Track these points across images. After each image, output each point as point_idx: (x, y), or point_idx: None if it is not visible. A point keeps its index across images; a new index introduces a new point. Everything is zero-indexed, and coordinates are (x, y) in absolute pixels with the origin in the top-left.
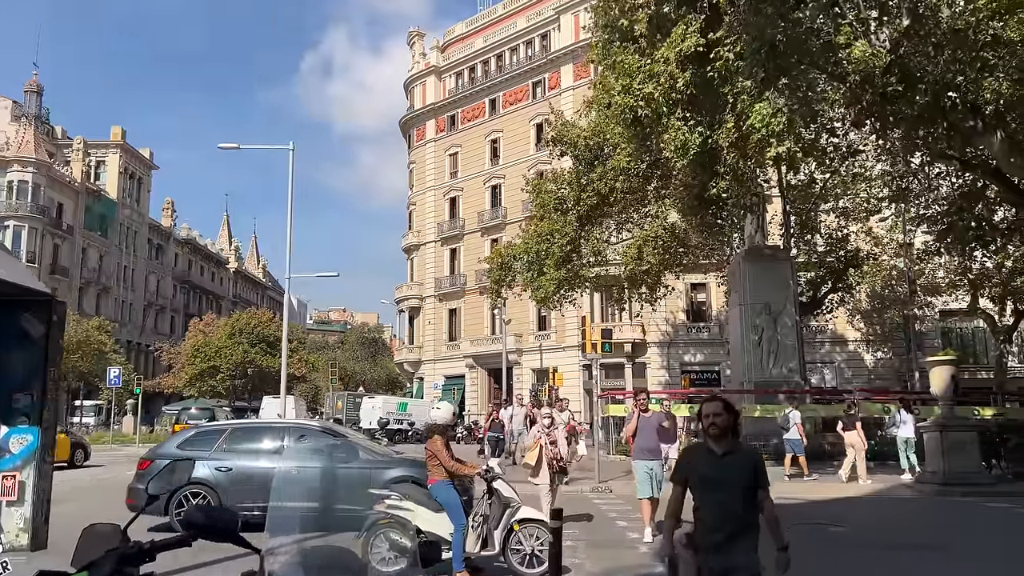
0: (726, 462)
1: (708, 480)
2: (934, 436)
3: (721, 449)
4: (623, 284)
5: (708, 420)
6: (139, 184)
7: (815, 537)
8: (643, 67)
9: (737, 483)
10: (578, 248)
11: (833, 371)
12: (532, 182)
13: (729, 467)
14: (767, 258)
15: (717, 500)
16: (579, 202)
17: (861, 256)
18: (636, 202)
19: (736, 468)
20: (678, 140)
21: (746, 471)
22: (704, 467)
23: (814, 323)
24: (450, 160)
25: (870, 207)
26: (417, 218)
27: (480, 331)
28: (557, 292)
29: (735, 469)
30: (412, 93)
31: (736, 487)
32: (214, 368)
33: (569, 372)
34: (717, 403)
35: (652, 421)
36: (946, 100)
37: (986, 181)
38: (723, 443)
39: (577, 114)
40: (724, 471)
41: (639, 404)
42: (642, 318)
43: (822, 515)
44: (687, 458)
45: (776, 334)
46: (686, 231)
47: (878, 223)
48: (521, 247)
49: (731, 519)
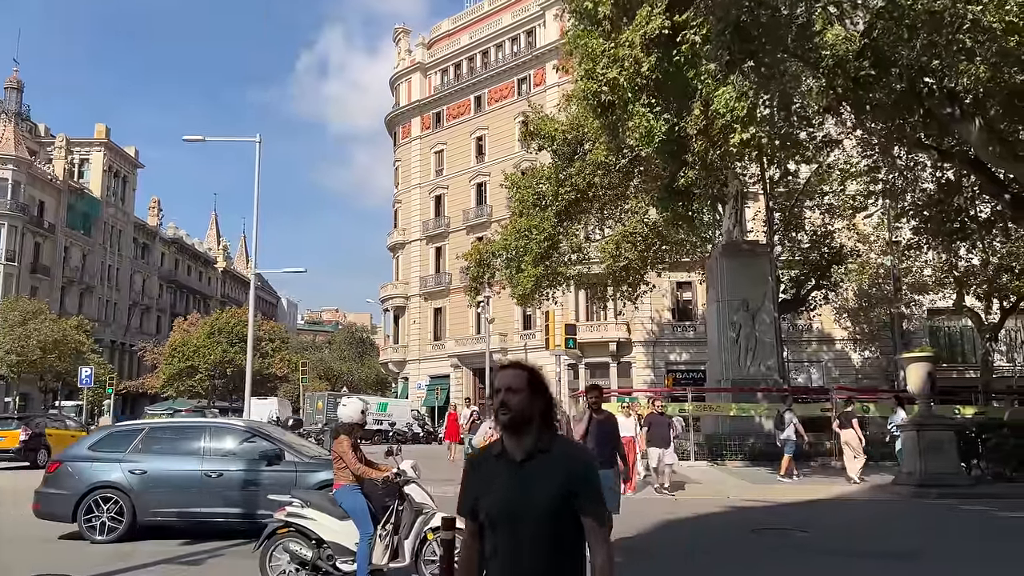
0: (528, 473)
1: (497, 507)
2: (911, 436)
3: (521, 451)
4: (606, 282)
5: (498, 399)
6: (124, 182)
7: (776, 544)
8: (607, 51)
9: (542, 510)
10: (557, 245)
11: (820, 370)
12: (510, 177)
13: (530, 481)
14: (745, 253)
15: (509, 544)
16: (557, 197)
17: (845, 252)
18: (616, 198)
19: (542, 484)
20: (643, 127)
21: (558, 488)
22: (493, 484)
23: (801, 321)
24: (435, 158)
25: (856, 204)
26: (402, 216)
27: (465, 330)
28: (536, 289)
29: (540, 486)
30: (398, 90)
31: (541, 517)
32: (192, 368)
33: (554, 371)
34: (513, 373)
35: (605, 424)
36: (922, 86)
37: (965, 172)
38: (523, 441)
39: (557, 108)
40: (522, 489)
41: (590, 403)
42: (627, 317)
43: (791, 519)
44: (472, 471)
45: (754, 331)
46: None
47: (864, 220)
48: (500, 244)
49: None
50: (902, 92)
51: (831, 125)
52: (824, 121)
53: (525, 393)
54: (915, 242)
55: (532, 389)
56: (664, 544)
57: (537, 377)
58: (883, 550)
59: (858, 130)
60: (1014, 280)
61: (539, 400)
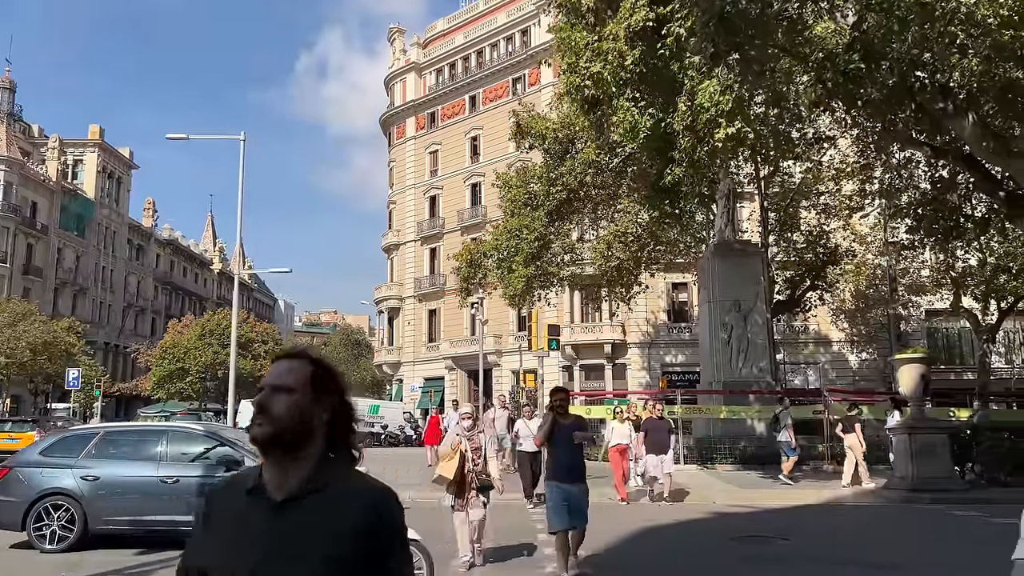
0: (289, 524)
1: None
2: (903, 439)
3: (284, 487)
4: (599, 283)
5: (258, 401)
6: (118, 183)
7: (755, 553)
8: (591, 44)
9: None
10: (548, 245)
11: (817, 372)
12: (502, 177)
13: (291, 539)
14: (737, 253)
15: None
16: (548, 197)
17: (840, 252)
18: (608, 198)
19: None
20: (627, 122)
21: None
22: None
23: (797, 323)
24: (430, 158)
25: (853, 204)
26: (397, 217)
27: (459, 332)
28: (527, 290)
29: (306, 544)
30: (392, 90)
31: None
32: (183, 370)
33: (549, 374)
34: (288, 365)
35: (573, 428)
36: (914, 80)
37: (959, 169)
38: (292, 470)
39: (549, 107)
40: (278, 550)
41: (554, 406)
42: (622, 319)
43: (775, 526)
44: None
45: (746, 332)
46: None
47: (860, 220)
48: (491, 244)
49: None
50: (893, 87)
51: (823, 123)
52: (816, 118)
53: (301, 395)
54: (910, 241)
55: (316, 389)
56: (638, 555)
57: (326, 371)
58: (867, 559)
59: (851, 127)
60: (1011, 280)
61: (325, 406)
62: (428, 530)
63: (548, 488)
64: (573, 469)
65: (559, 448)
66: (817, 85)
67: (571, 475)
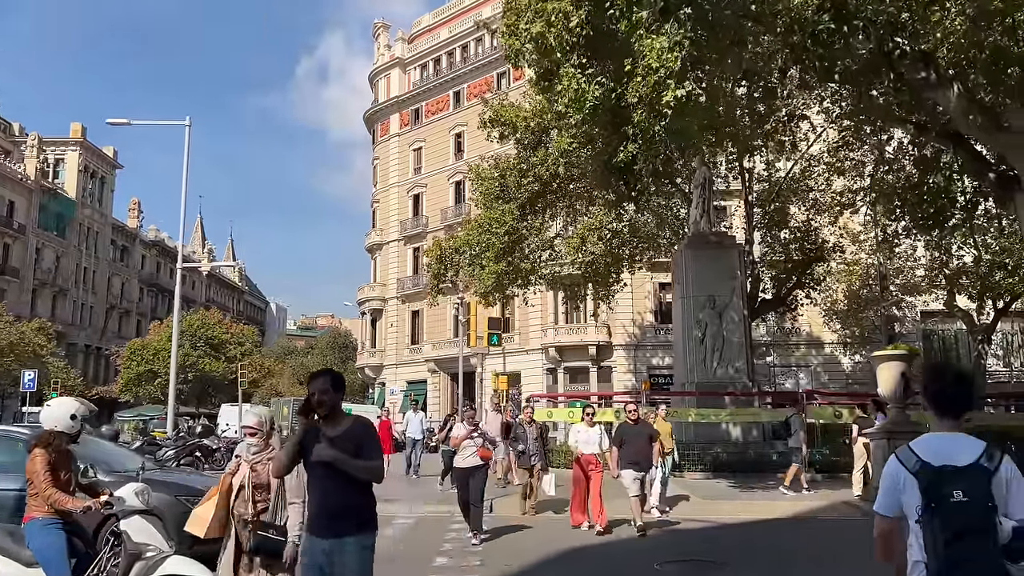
0: (337, 442)
1: None
2: (880, 445)
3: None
4: (578, 282)
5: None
6: (102, 183)
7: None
8: (532, 4)
9: None
10: (521, 240)
11: (809, 374)
12: (475, 169)
13: (338, 447)
14: (712, 246)
15: None
16: (520, 188)
17: (827, 248)
18: (584, 191)
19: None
20: (572, 90)
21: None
22: None
23: (788, 325)
24: (414, 155)
25: (844, 200)
26: (380, 216)
27: (443, 334)
28: (498, 287)
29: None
30: (376, 86)
31: None
32: (152, 372)
33: (533, 376)
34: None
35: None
36: (892, 46)
37: (943, 148)
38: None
39: (523, 96)
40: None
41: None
42: (607, 320)
43: (722, 544)
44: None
45: (721, 330)
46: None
47: (850, 216)
48: (463, 239)
49: None
50: (870, 54)
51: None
52: (789, 95)
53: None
54: (892, 229)
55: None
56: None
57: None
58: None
59: (826, 103)
60: (1007, 277)
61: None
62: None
63: None
64: None
65: None
66: (784, 50)
67: None
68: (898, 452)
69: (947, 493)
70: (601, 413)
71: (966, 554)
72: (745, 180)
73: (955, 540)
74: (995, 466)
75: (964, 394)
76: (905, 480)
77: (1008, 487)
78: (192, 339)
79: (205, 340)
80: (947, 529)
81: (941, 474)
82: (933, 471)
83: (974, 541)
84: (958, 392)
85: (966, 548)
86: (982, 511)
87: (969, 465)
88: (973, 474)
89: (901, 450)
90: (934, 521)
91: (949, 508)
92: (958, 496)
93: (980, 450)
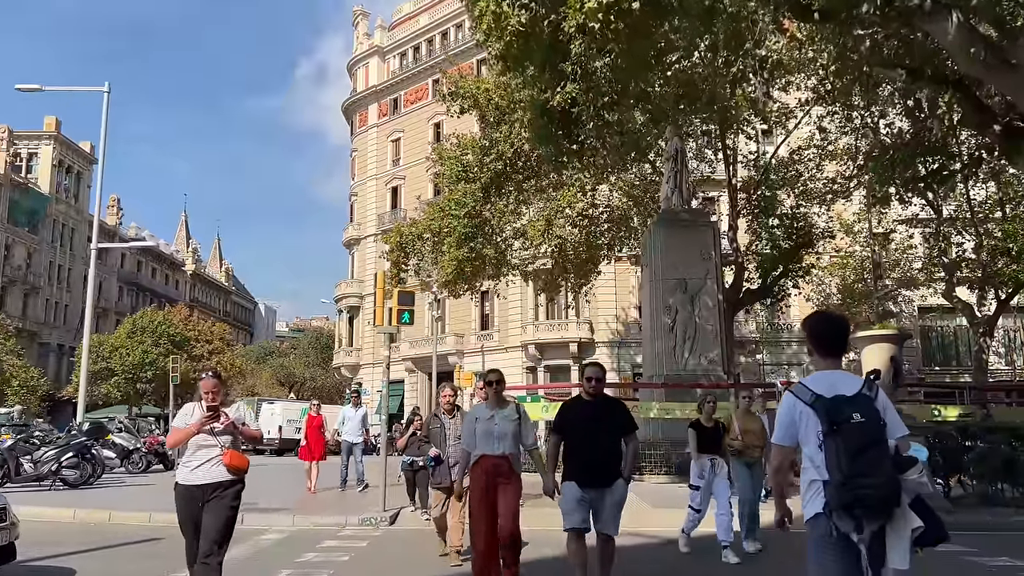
0: None
1: None
2: None
3: None
4: (552, 273)
5: None
6: (78, 178)
7: None
8: None
9: None
10: (484, 224)
11: (802, 373)
12: (437, 149)
13: None
14: (683, 223)
15: None
16: (482, 168)
17: (816, 233)
18: (552, 169)
19: None
20: (490, 12)
21: None
22: None
23: (780, 320)
24: (392, 147)
25: (836, 187)
26: (359, 210)
27: (420, 331)
28: (459, 275)
29: None
30: (355, 76)
31: None
32: (108, 370)
33: (513, 375)
34: None
35: None
36: None
37: (940, 96)
38: None
39: (488, 67)
40: None
41: None
42: (589, 315)
43: (647, 570)
44: None
45: (693, 316)
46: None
47: (844, 206)
48: (424, 224)
49: None
50: None
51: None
52: (763, 38)
53: None
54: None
55: None
56: None
57: None
58: None
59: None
60: (1010, 264)
61: None
62: None
63: None
64: None
65: None
66: None
67: None
68: (792, 388)
69: (848, 416)
70: None
71: (868, 464)
72: (729, 162)
73: (859, 453)
74: (874, 395)
75: (843, 337)
76: (802, 412)
77: (885, 412)
78: (154, 336)
79: (169, 337)
80: (851, 445)
81: (837, 401)
82: (829, 401)
83: (875, 452)
84: (839, 335)
85: (868, 459)
86: (878, 427)
87: (856, 394)
88: (862, 400)
89: (795, 386)
90: (838, 439)
91: (851, 428)
92: (857, 417)
93: (861, 383)
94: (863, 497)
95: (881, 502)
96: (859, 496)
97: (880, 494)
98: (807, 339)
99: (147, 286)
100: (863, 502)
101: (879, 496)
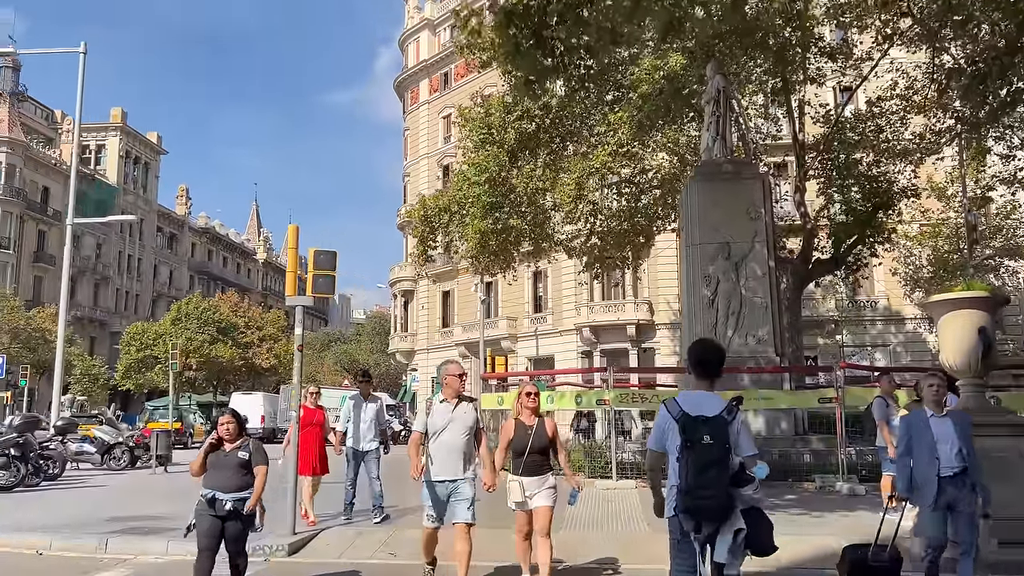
0: None
1: None
2: None
3: None
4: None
5: None
6: (146, 169)
7: None
8: None
9: None
10: (511, 191)
11: (887, 355)
12: (463, 112)
13: None
14: (726, 176)
15: None
16: (506, 129)
17: (896, 192)
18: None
19: None
20: None
21: None
22: None
23: (863, 298)
24: (443, 123)
25: (924, 145)
26: (411, 191)
27: (473, 315)
28: (483, 248)
29: None
30: (407, 51)
31: None
32: (153, 358)
33: (567, 360)
34: None
35: None
36: None
37: None
38: None
39: None
40: None
41: None
42: (649, 295)
43: None
44: None
45: (738, 287)
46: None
47: (934, 165)
48: (452, 193)
49: None
50: None
51: None
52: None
53: None
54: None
55: None
56: None
57: None
58: None
59: None
60: None
61: None
62: None
63: None
64: None
65: None
66: None
67: None
68: (666, 402)
69: (701, 436)
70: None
71: (708, 479)
72: (794, 117)
73: (704, 470)
74: (732, 418)
75: (715, 363)
76: (669, 425)
77: (739, 434)
78: (199, 322)
79: (214, 323)
80: (698, 462)
81: (696, 421)
82: (691, 419)
83: (715, 471)
84: (712, 361)
85: (709, 476)
86: (721, 450)
87: (715, 416)
88: (717, 423)
89: (668, 401)
90: (689, 456)
91: (701, 447)
92: (707, 440)
93: (723, 406)
94: (701, 506)
95: (716, 510)
96: (699, 504)
97: (715, 504)
98: (687, 361)
99: (218, 275)
100: (700, 509)
101: (714, 506)
